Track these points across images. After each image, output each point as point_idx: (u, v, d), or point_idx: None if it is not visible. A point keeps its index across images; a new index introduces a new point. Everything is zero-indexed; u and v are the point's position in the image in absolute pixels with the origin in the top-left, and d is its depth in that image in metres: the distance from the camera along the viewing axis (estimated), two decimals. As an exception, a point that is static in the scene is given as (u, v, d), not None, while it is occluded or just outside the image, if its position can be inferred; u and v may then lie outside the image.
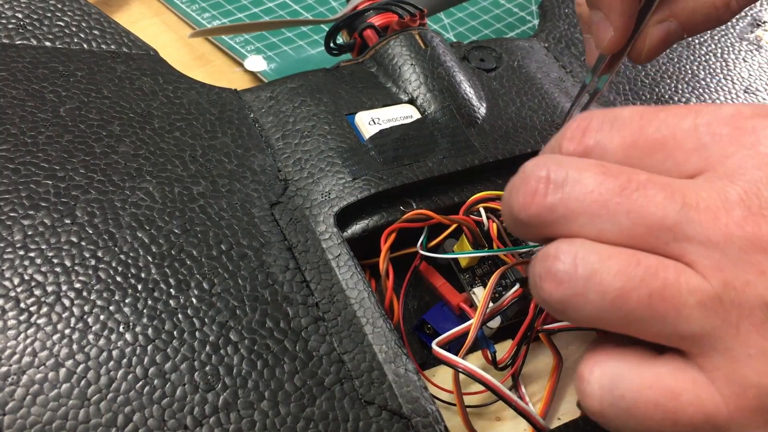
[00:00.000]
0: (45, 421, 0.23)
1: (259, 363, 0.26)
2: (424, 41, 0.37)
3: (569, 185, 0.20)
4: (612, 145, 0.21)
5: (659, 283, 0.19)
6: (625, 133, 0.21)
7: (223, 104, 0.34)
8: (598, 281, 0.19)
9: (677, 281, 0.19)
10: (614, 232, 0.20)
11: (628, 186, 0.20)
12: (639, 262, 0.19)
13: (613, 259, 0.19)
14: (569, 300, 0.20)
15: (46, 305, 0.25)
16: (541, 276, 0.20)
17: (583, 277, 0.19)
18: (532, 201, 0.21)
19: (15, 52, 0.33)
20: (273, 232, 0.29)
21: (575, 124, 0.22)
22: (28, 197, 0.28)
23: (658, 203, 0.19)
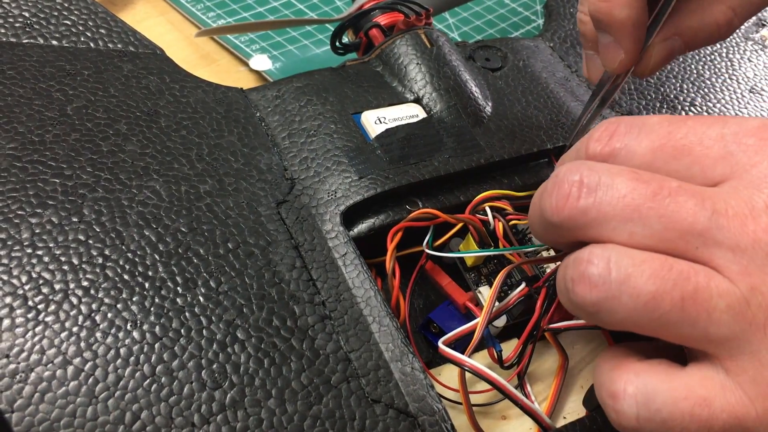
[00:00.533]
0: (53, 418, 0.23)
1: (266, 361, 0.26)
2: (429, 40, 0.37)
3: (602, 189, 0.21)
4: (640, 149, 0.22)
5: (691, 287, 0.20)
6: (653, 137, 0.22)
7: (230, 103, 0.34)
8: (632, 284, 0.20)
9: (708, 285, 0.20)
10: (646, 236, 0.20)
11: (660, 192, 0.20)
12: (671, 266, 0.20)
13: (646, 263, 0.20)
14: (603, 303, 0.20)
15: (54, 303, 0.26)
16: (573, 279, 0.21)
17: (617, 281, 0.20)
18: (565, 204, 0.21)
19: (22, 51, 0.33)
20: (279, 231, 0.29)
21: (603, 127, 0.23)
22: (35, 195, 0.28)
23: (689, 209, 0.20)
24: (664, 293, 0.20)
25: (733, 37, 0.45)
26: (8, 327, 0.25)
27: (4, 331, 0.25)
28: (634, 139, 0.22)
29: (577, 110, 0.36)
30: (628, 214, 0.20)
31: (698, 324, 0.20)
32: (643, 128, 0.22)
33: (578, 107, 0.37)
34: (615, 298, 0.20)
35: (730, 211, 0.20)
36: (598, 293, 0.20)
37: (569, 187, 0.21)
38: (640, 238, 0.20)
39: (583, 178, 0.21)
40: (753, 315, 0.19)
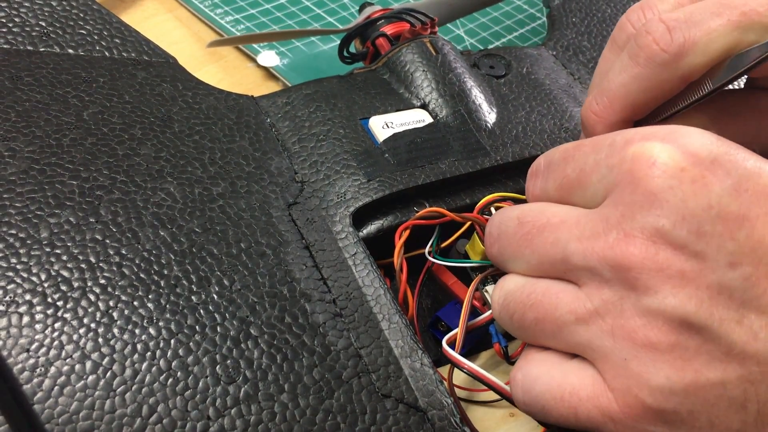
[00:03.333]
0: (72, 411, 0.24)
1: (279, 357, 0.26)
2: (435, 48, 0.38)
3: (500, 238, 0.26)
4: (550, 190, 0.26)
5: (543, 309, 0.24)
6: (555, 176, 0.26)
7: (241, 110, 0.35)
8: (506, 306, 0.25)
9: (558, 305, 0.23)
10: (530, 267, 0.25)
11: (530, 232, 0.25)
12: (534, 290, 0.25)
13: (518, 291, 0.25)
14: (498, 319, 0.27)
15: (73, 300, 0.26)
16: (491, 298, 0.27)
17: (500, 303, 0.26)
18: (487, 250, 0.28)
19: (39, 59, 0.34)
20: (291, 232, 0.30)
21: (530, 171, 0.28)
22: (53, 196, 0.29)
23: (552, 242, 0.24)
24: (524, 314, 0.25)
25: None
26: (28, 323, 0.25)
27: (24, 327, 0.25)
28: (545, 182, 0.26)
29: (580, 116, 0.37)
30: (514, 254, 0.26)
31: (556, 335, 0.24)
32: (549, 167, 0.26)
33: (581, 113, 0.38)
34: (500, 318, 0.26)
35: (585, 233, 0.23)
36: (495, 312, 0.27)
37: (487, 238, 0.27)
38: (527, 268, 0.25)
39: (491, 229, 0.27)
40: (604, 323, 0.22)
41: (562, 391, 0.23)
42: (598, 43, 0.43)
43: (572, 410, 0.23)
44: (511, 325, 0.26)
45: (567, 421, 0.23)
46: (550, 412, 0.24)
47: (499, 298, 0.26)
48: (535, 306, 0.24)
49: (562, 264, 0.24)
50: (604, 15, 0.45)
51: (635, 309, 0.21)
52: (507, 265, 0.26)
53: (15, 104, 0.32)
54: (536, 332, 0.24)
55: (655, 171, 0.22)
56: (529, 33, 0.52)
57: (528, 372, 0.25)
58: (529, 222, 0.25)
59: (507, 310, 0.25)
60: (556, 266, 0.24)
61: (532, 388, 0.24)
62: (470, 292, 0.29)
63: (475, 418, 0.29)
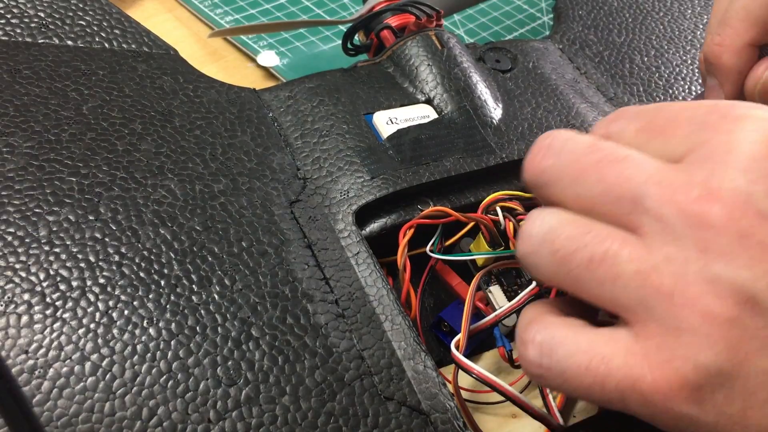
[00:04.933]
0: (71, 413, 0.24)
1: (281, 358, 0.26)
2: (440, 42, 0.37)
3: (561, 154, 0.23)
4: (628, 131, 0.23)
5: (602, 250, 0.21)
6: (640, 121, 0.23)
7: (243, 103, 0.34)
8: (551, 240, 0.22)
9: (620, 251, 0.21)
10: (587, 198, 0.22)
11: (605, 158, 0.22)
12: (591, 229, 0.21)
13: (570, 225, 0.22)
14: (529, 257, 0.22)
15: (72, 300, 0.26)
16: (518, 237, 0.23)
17: (540, 236, 0.22)
18: (531, 163, 0.23)
19: (38, 51, 0.34)
20: (293, 230, 0.30)
21: (613, 114, 0.24)
22: (52, 194, 0.28)
23: (627, 176, 0.21)
24: (576, 251, 0.21)
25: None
26: (27, 323, 0.25)
27: (22, 328, 0.25)
28: (627, 124, 0.24)
29: (587, 111, 0.37)
30: (574, 176, 0.22)
31: (605, 285, 0.21)
32: (638, 113, 0.24)
33: (587, 109, 0.37)
34: (537, 253, 0.22)
35: (665, 181, 0.21)
36: (527, 247, 0.22)
37: (538, 149, 0.23)
38: (583, 200, 0.22)
39: (552, 141, 0.23)
40: (662, 283, 0.20)
41: (591, 357, 0.21)
42: (605, 37, 0.43)
43: (599, 380, 0.21)
44: (548, 263, 0.22)
45: (589, 392, 0.21)
46: (571, 381, 0.21)
47: (539, 230, 0.22)
48: (591, 246, 0.21)
49: (631, 204, 0.21)
50: (611, 8, 0.44)
51: (701, 274, 0.20)
52: (551, 187, 0.23)
53: (13, 98, 0.31)
54: (583, 276, 0.21)
55: (756, 136, 0.21)
56: (530, 33, 0.52)
57: (551, 334, 0.22)
58: (604, 150, 0.22)
59: (551, 244, 0.22)
60: (620, 204, 0.21)
61: (555, 351, 0.22)
62: (471, 291, 0.29)
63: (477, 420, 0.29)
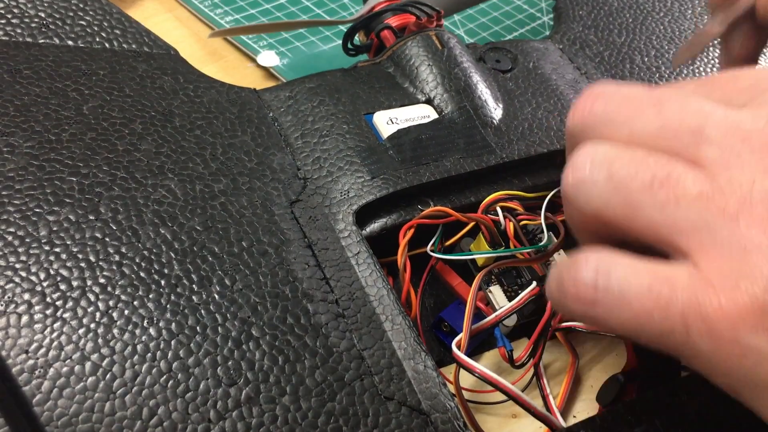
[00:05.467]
0: (72, 413, 0.24)
1: (281, 358, 0.26)
2: (440, 42, 0.37)
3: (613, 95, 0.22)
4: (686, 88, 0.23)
5: (665, 172, 0.20)
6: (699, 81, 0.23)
7: (243, 103, 0.34)
8: (608, 164, 0.21)
9: (683, 174, 0.20)
10: (643, 134, 0.21)
11: (663, 98, 0.21)
12: (652, 154, 0.21)
13: (628, 151, 0.21)
14: (579, 184, 0.21)
15: (72, 300, 0.26)
16: (568, 168, 0.22)
17: (597, 162, 0.21)
18: (580, 107, 0.23)
19: (38, 51, 0.34)
20: (293, 230, 0.30)
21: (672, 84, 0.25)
22: (53, 193, 0.28)
23: (687, 111, 0.21)
24: (637, 174, 0.20)
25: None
26: (27, 323, 0.25)
27: (22, 327, 0.25)
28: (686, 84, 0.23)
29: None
30: (629, 114, 0.22)
31: (666, 208, 0.20)
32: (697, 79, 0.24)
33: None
34: (590, 179, 0.21)
35: (731, 116, 0.20)
36: (579, 174, 0.21)
37: (589, 95, 0.23)
38: (638, 137, 0.21)
39: (604, 89, 0.23)
40: (726, 204, 0.19)
41: (653, 278, 0.20)
42: (605, 37, 0.43)
43: (662, 304, 0.19)
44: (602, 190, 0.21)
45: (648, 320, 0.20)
46: (630, 305, 0.20)
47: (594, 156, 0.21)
48: (654, 169, 0.20)
49: (691, 136, 0.20)
50: (611, 8, 0.44)
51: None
52: (603, 128, 0.22)
53: (14, 98, 0.31)
54: (642, 200, 0.20)
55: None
56: (530, 33, 0.52)
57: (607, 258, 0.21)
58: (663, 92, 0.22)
59: (608, 168, 0.21)
60: (680, 137, 0.21)
61: (613, 271, 0.20)
62: (473, 291, 0.29)
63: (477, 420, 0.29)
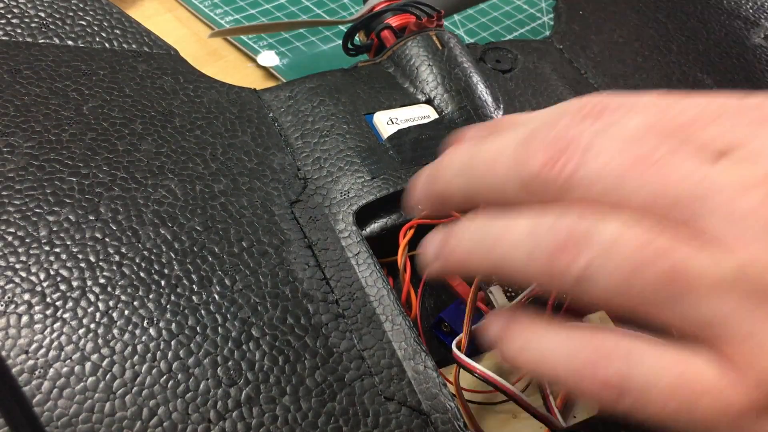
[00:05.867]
0: (72, 413, 0.24)
1: (281, 359, 0.26)
2: (440, 42, 0.37)
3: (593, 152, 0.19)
4: (630, 127, 0.19)
5: (674, 260, 0.18)
6: (647, 114, 0.20)
7: (243, 103, 0.34)
8: (615, 251, 0.18)
9: (694, 260, 0.18)
10: (635, 202, 0.18)
11: (645, 157, 0.19)
12: (659, 234, 0.18)
13: (633, 231, 0.18)
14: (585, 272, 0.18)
15: (72, 300, 0.26)
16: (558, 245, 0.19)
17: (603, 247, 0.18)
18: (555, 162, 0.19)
19: (38, 51, 0.34)
20: (293, 230, 0.30)
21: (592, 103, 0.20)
22: (53, 194, 0.28)
23: (681, 175, 0.18)
24: (647, 264, 0.18)
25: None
26: (27, 323, 0.25)
27: (23, 328, 0.25)
28: (625, 116, 0.20)
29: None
30: (612, 179, 0.19)
31: (683, 303, 0.18)
32: (635, 105, 0.20)
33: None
34: (598, 267, 0.18)
35: (726, 180, 0.18)
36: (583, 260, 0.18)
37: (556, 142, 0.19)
38: (628, 205, 0.18)
39: (574, 137, 0.19)
40: (747, 291, 0.17)
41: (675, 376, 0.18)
42: (605, 38, 0.43)
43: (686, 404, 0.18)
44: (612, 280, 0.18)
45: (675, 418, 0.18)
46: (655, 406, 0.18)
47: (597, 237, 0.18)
48: (662, 257, 0.18)
49: (689, 206, 0.18)
50: (611, 9, 0.44)
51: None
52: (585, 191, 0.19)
53: (14, 98, 0.31)
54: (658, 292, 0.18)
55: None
56: (530, 33, 0.52)
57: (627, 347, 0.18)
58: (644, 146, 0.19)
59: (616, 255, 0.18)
60: (677, 208, 0.18)
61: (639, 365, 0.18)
62: (473, 292, 0.29)
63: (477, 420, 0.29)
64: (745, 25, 0.46)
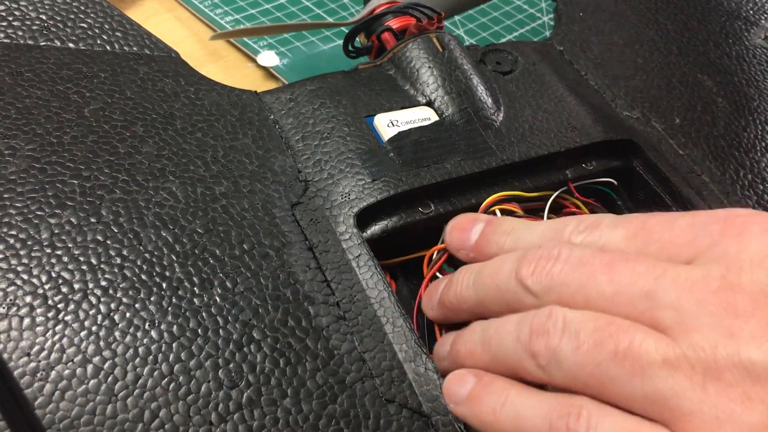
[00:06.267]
0: (73, 416, 0.24)
1: (282, 361, 0.26)
2: (441, 44, 0.37)
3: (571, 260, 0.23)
4: (615, 237, 0.24)
5: (627, 340, 0.21)
6: (628, 227, 0.24)
7: (244, 106, 0.34)
8: (575, 334, 0.22)
9: (645, 341, 0.20)
10: (600, 298, 0.22)
11: (614, 260, 0.22)
12: (613, 322, 0.21)
13: (592, 320, 0.22)
14: (553, 354, 0.22)
15: (74, 302, 0.26)
16: (534, 331, 0.23)
17: (567, 332, 0.22)
18: (542, 269, 0.24)
19: (39, 54, 0.34)
20: (294, 233, 0.30)
21: (587, 222, 0.25)
22: (54, 196, 0.28)
23: (638, 274, 0.22)
24: (602, 342, 0.21)
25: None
26: (29, 326, 0.25)
27: (24, 330, 0.25)
28: (610, 231, 0.24)
29: (588, 114, 0.37)
30: (583, 279, 0.23)
31: (635, 380, 0.20)
32: (621, 221, 0.24)
33: (588, 110, 0.37)
34: (557, 349, 0.22)
35: (681, 276, 0.21)
36: (546, 343, 0.22)
37: (548, 257, 0.24)
38: (594, 303, 0.22)
39: (561, 251, 0.24)
40: (693, 372, 0.20)
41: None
42: (605, 39, 0.43)
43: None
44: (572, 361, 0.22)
45: None
46: None
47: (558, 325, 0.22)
48: (616, 337, 0.21)
49: (646, 301, 0.21)
50: (611, 10, 0.45)
51: (733, 359, 0.19)
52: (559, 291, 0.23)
53: (15, 101, 0.31)
54: (610, 371, 0.21)
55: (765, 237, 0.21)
56: (529, 33, 0.52)
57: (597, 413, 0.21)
58: (614, 252, 0.23)
59: (574, 338, 0.22)
60: (635, 303, 0.21)
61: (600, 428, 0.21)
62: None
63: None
64: (745, 25, 0.46)
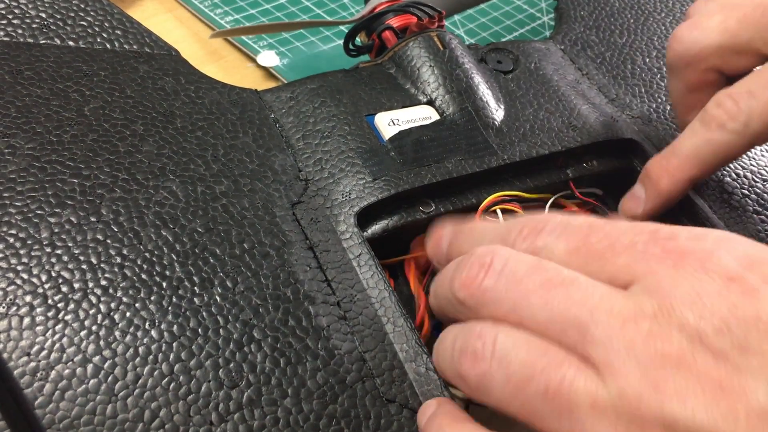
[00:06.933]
0: (73, 416, 0.24)
1: (282, 361, 0.26)
2: (442, 43, 0.37)
3: (504, 274, 0.22)
4: (558, 250, 0.23)
5: (558, 378, 0.20)
6: (571, 239, 0.23)
7: (244, 104, 0.34)
8: (506, 364, 0.21)
9: (575, 380, 0.20)
10: (533, 322, 0.21)
11: (550, 282, 0.21)
12: (546, 353, 0.21)
13: (524, 347, 0.21)
14: (481, 379, 0.22)
15: (73, 302, 0.26)
16: (461, 350, 0.22)
17: (497, 359, 0.21)
18: (472, 282, 0.23)
19: (39, 52, 0.33)
20: (294, 232, 0.30)
21: (531, 225, 0.24)
22: (54, 195, 0.28)
23: (572, 302, 0.21)
24: (531, 378, 0.20)
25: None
26: (29, 325, 0.25)
27: (24, 330, 0.25)
28: (554, 240, 0.23)
29: (588, 113, 0.37)
30: (517, 300, 0.22)
31: (562, 418, 0.20)
32: (565, 229, 0.23)
33: (589, 110, 0.37)
34: (491, 375, 0.21)
35: (614, 310, 0.20)
36: (479, 368, 0.22)
37: (479, 267, 0.23)
38: (529, 323, 0.21)
39: (494, 260, 0.23)
40: (618, 421, 0.19)
41: None
42: (606, 38, 0.43)
43: None
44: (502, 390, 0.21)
45: None
46: None
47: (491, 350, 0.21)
48: (547, 373, 0.20)
49: (578, 333, 0.20)
50: (612, 8, 0.44)
51: (657, 414, 0.19)
52: (493, 308, 0.22)
53: (15, 99, 0.31)
54: (539, 407, 0.20)
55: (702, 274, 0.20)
56: (530, 33, 0.51)
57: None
58: (548, 271, 0.22)
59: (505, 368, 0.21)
60: (568, 333, 0.21)
61: None
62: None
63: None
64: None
